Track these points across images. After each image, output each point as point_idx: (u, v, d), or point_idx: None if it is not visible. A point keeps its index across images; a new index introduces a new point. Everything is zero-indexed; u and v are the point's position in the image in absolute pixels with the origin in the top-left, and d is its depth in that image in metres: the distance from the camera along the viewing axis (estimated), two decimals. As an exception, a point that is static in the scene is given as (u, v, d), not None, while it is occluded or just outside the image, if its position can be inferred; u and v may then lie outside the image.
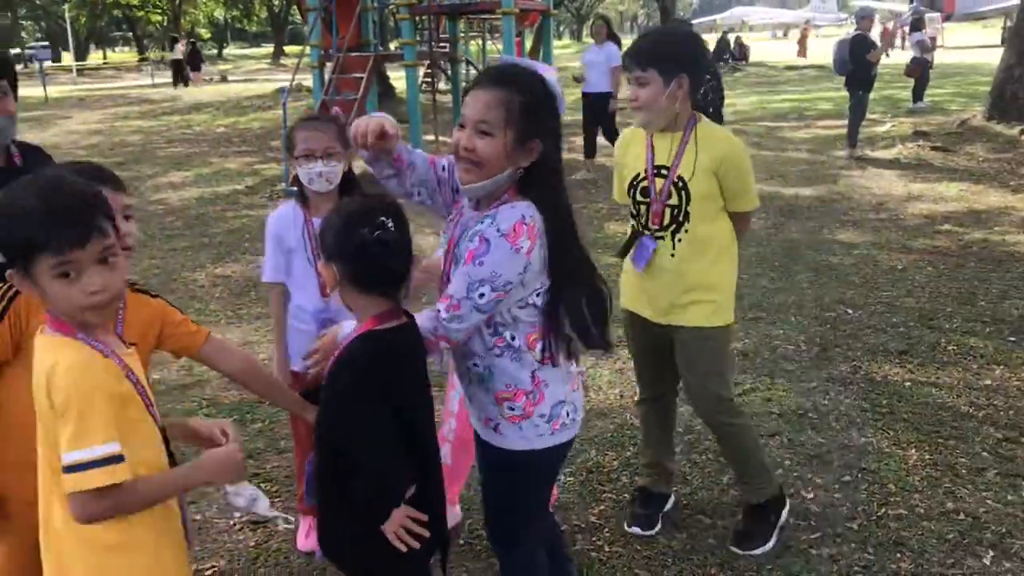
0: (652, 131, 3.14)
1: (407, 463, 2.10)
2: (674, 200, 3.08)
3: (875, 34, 14.49)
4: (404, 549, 2.09)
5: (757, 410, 4.43)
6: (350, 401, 2.04)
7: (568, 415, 2.35)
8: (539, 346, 2.26)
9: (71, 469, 1.68)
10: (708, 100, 8.90)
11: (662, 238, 3.13)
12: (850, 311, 5.93)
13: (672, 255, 3.13)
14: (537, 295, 2.22)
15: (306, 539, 3.39)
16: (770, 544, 3.30)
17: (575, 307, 2.26)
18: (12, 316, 2.16)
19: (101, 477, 1.69)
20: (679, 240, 3.11)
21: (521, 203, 2.16)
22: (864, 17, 12.36)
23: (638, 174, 3.18)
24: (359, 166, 3.06)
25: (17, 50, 61.90)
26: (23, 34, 55.80)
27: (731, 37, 32.79)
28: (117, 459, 1.70)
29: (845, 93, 12.19)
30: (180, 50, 33.02)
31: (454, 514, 3.43)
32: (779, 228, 8.25)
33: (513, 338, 2.25)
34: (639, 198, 3.18)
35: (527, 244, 2.11)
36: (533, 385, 2.28)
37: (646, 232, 3.17)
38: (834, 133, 13.85)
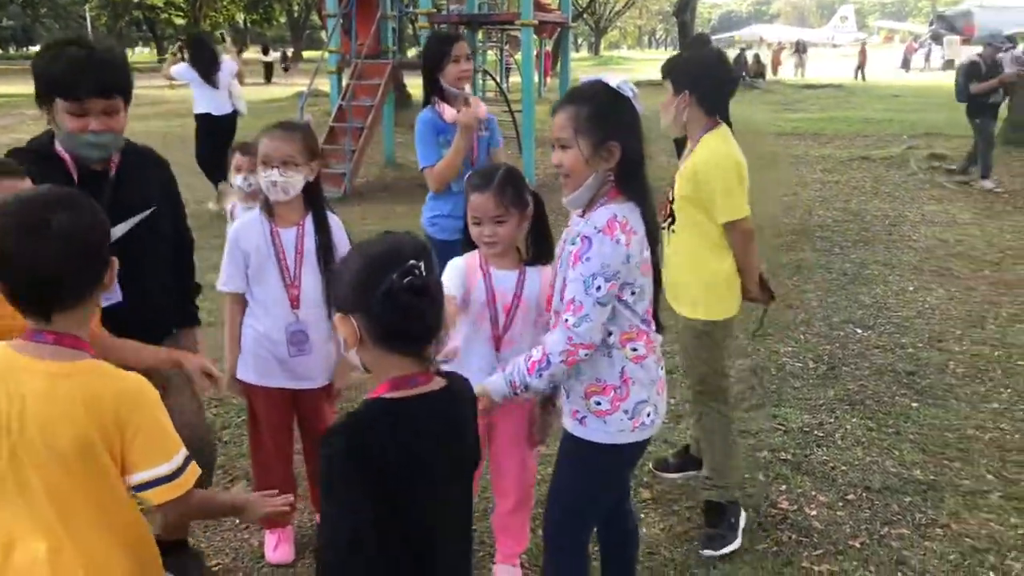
0: (674, 135, 3.55)
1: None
2: (672, 196, 3.40)
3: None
4: None
5: (763, 426, 4.45)
6: (333, 475, 1.66)
7: (648, 416, 2.44)
8: (630, 344, 2.38)
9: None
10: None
11: (664, 229, 3.37)
12: (859, 331, 5.95)
13: (668, 245, 3.42)
14: (632, 293, 2.34)
15: (274, 551, 3.36)
16: (737, 543, 3.38)
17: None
18: None
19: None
20: (672, 232, 3.41)
21: (613, 204, 2.30)
22: (989, 44, 11.22)
23: None
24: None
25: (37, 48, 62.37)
26: (43, 33, 56.17)
27: (749, 54, 32.42)
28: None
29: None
30: (273, 55, 38.56)
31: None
32: (790, 246, 8.25)
33: (610, 334, 2.36)
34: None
35: (623, 237, 2.25)
36: (621, 381, 2.40)
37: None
38: (847, 153, 13.85)
